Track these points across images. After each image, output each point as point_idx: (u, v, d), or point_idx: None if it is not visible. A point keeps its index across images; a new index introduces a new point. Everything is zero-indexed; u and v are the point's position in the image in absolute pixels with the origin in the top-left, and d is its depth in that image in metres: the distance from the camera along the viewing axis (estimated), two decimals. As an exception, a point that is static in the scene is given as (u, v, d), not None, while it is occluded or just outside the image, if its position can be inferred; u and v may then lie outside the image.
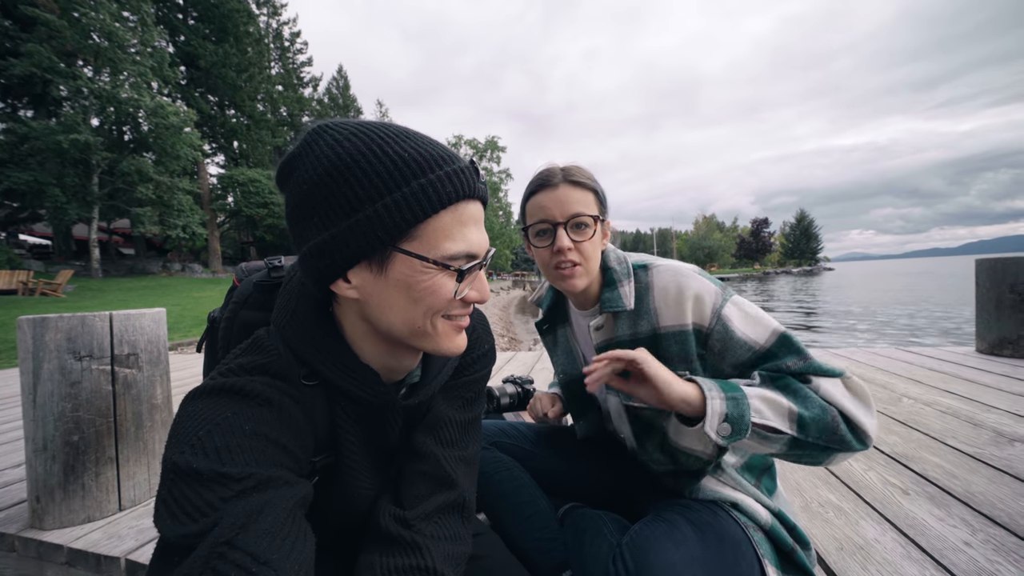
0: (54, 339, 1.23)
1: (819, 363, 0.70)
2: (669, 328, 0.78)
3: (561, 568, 0.81)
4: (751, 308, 0.76)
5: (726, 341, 0.74)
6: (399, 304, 0.51)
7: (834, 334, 10.17)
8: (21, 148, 14.79)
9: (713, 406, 0.64)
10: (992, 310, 2.94)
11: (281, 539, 0.41)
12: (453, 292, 0.51)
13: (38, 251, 22.58)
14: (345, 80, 38.31)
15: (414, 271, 0.49)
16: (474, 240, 0.52)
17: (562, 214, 0.81)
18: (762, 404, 0.65)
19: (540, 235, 0.84)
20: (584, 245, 0.81)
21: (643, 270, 0.85)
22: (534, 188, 0.85)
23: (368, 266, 0.49)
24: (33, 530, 1.25)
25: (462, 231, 0.51)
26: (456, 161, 0.51)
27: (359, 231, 0.47)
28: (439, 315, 0.53)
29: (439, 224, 0.49)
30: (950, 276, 38.41)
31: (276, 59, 29.93)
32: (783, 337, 0.72)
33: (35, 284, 11.93)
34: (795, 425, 0.65)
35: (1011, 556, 0.96)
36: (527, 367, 3.21)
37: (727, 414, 0.63)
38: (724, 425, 0.64)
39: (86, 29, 15.03)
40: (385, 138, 0.48)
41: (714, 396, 0.64)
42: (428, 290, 0.50)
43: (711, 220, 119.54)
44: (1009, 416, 1.80)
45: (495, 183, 42.22)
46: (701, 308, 0.75)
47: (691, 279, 0.77)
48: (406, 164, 0.47)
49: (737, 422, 0.63)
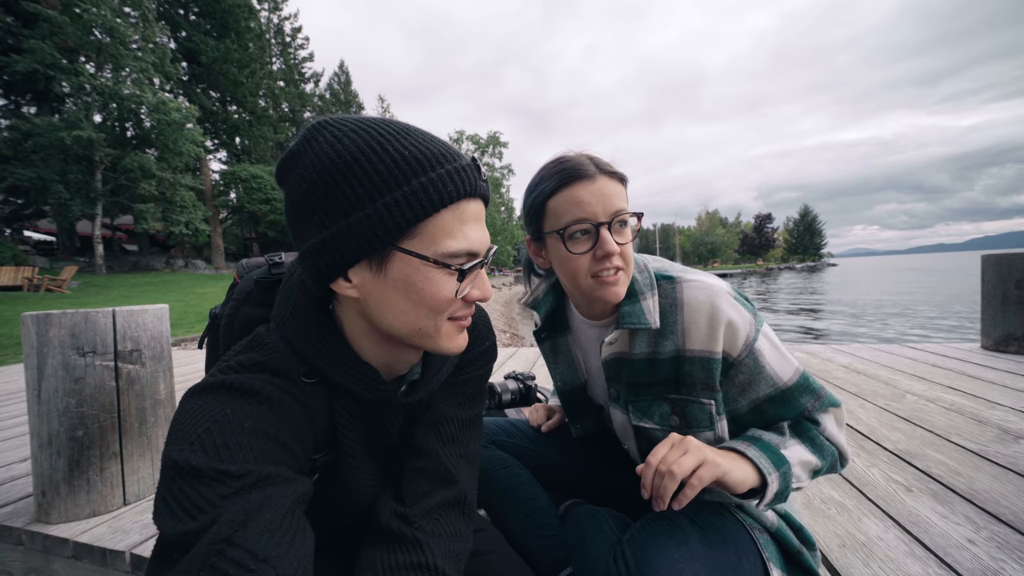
0: (58, 335, 1.23)
1: (829, 398, 0.73)
2: (696, 353, 0.71)
3: (562, 565, 0.80)
4: (777, 340, 0.74)
5: (753, 375, 0.70)
6: (399, 304, 0.50)
7: (838, 332, 10.13)
8: (25, 145, 14.86)
9: (772, 488, 0.63)
10: (998, 306, 2.91)
11: (280, 536, 0.41)
12: (454, 291, 0.51)
13: (43, 247, 22.75)
14: (347, 76, 38.18)
15: (414, 270, 0.49)
16: (475, 238, 0.51)
17: (605, 212, 0.70)
18: (800, 470, 0.67)
19: (577, 237, 0.72)
20: (627, 248, 0.72)
21: (669, 283, 0.75)
22: (564, 180, 0.72)
23: (368, 265, 0.49)
24: (39, 524, 1.27)
25: (463, 229, 0.50)
26: (458, 159, 0.50)
27: (359, 230, 0.46)
28: (442, 316, 0.52)
29: (440, 223, 0.48)
30: (957, 272, 38.10)
31: (277, 55, 29.83)
32: (803, 377, 0.72)
33: (40, 280, 12.02)
34: (811, 475, 0.69)
35: (1015, 554, 0.95)
36: (529, 363, 3.21)
37: (778, 490, 0.64)
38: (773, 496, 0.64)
39: (88, 25, 15.03)
40: (386, 135, 0.48)
41: (773, 478, 0.63)
42: (428, 290, 0.50)
43: (714, 216, 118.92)
44: (1015, 413, 1.79)
45: (497, 179, 42.11)
46: (734, 338, 0.69)
47: (726, 302, 0.70)
48: (407, 162, 0.47)
49: (782, 493, 0.64)
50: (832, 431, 0.72)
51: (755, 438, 0.69)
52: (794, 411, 0.72)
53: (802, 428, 0.72)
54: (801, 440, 0.70)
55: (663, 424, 0.77)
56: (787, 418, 0.73)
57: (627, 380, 0.80)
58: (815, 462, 0.68)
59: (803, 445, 0.69)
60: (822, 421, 0.72)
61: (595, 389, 0.94)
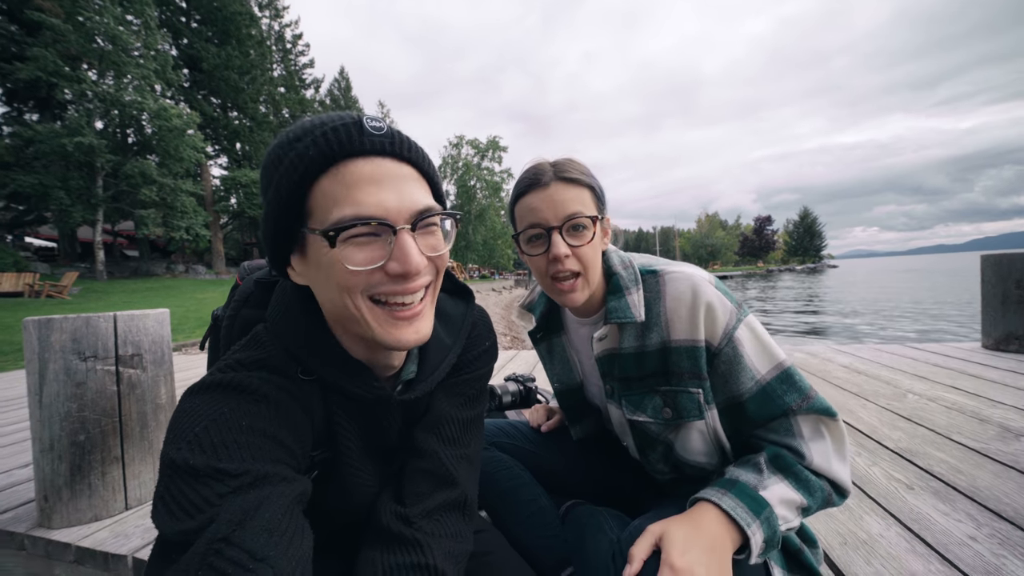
0: (59, 340, 1.24)
1: (819, 401, 0.68)
2: (681, 343, 0.72)
3: (563, 565, 0.80)
4: (763, 333, 0.72)
5: (732, 365, 0.70)
6: (321, 285, 0.51)
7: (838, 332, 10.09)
8: (27, 151, 14.96)
9: (756, 540, 0.60)
10: (998, 306, 2.91)
11: (278, 536, 0.41)
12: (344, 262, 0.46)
13: (44, 253, 22.79)
14: (347, 82, 38.39)
15: (318, 246, 0.48)
16: (368, 200, 0.46)
17: (556, 216, 0.73)
18: (785, 510, 0.64)
19: (532, 241, 0.77)
20: (583, 250, 0.74)
21: (652, 276, 0.77)
22: (522, 189, 0.77)
23: (300, 251, 0.51)
24: (41, 529, 1.27)
25: (348, 193, 0.46)
26: (331, 122, 0.47)
27: (269, 217, 0.50)
28: (355, 293, 0.48)
29: (321, 192, 0.47)
30: (957, 272, 37.96)
31: (278, 61, 30.01)
32: (788, 372, 0.70)
33: (41, 286, 12.04)
34: (802, 514, 0.66)
35: (1017, 550, 0.95)
36: (529, 366, 3.21)
37: (765, 538, 0.61)
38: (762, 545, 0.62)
39: (90, 33, 15.17)
40: (291, 127, 0.50)
41: (754, 530, 0.60)
42: (329, 265, 0.47)
43: (713, 218, 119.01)
44: (1015, 411, 1.79)
45: (496, 183, 42.22)
46: (713, 324, 0.70)
47: (707, 290, 0.71)
48: (287, 140, 0.49)
49: (771, 539, 0.62)
50: (819, 461, 0.66)
51: (732, 482, 0.66)
52: (778, 409, 0.69)
53: (783, 463, 0.67)
54: (784, 476, 0.66)
55: (656, 417, 0.77)
56: (773, 416, 0.70)
57: (619, 375, 0.80)
58: (800, 500, 0.64)
59: (786, 482, 0.65)
60: (807, 452, 0.67)
61: (591, 389, 0.95)
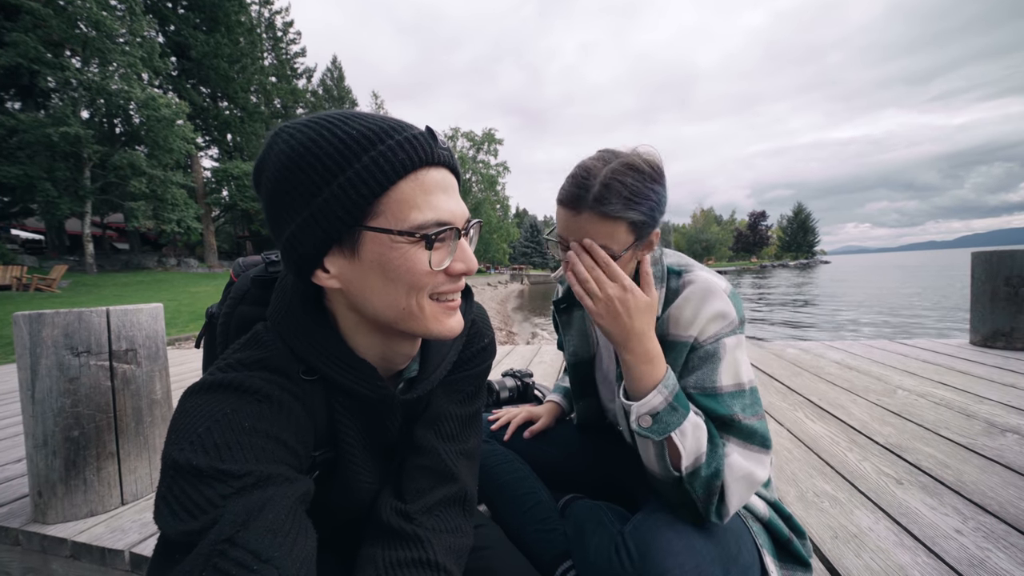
0: (51, 335, 1.22)
1: (762, 429, 0.69)
2: (677, 337, 0.75)
3: (562, 559, 0.82)
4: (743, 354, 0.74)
5: (704, 362, 0.72)
6: (378, 286, 0.50)
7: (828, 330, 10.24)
8: (10, 141, 14.52)
9: (656, 399, 0.64)
10: (987, 303, 2.96)
11: (282, 536, 0.41)
12: (427, 262, 0.49)
13: (31, 246, 22.36)
14: (340, 71, 37.75)
15: (384, 247, 0.48)
16: (443, 207, 0.49)
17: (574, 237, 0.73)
18: (691, 430, 0.65)
19: (558, 246, 0.78)
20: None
21: (676, 277, 0.79)
22: (561, 196, 0.74)
23: (341, 251, 0.49)
24: (36, 524, 1.26)
25: (427, 199, 0.49)
26: (408, 129, 0.49)
27: (321, 215, 0.47)
28: (423, 293, 0.51)
29: (399, 195, 0.48)
30: (947, 268, 38.54)
31: (269, 49, 29.37)
32: (752, 391, 0.72)
33: (29, 280, 11.83)
34: (691, 472, 0.65)
35: (1000, 543, 0.98)
36: (526, 360, 3.22)
37: (658, 413, 0.64)
38: (647, 418, 0.64)
39: (72, 18, 14.66)
40: (334, 121, 0.48)
41: (666, 390, 0.65)
42: (403, 265, 0.49)
43: (708, 213, 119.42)
44: (1001, 407, 1.83)
45: (492, 176, 41.89)
46: (709, 327, 0.72)
47: (718, 298, 0.73)
48: (355, 140, 0.47)
49: (660, 425, 0.64)
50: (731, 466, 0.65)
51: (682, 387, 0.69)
52: (722, 409, 0.70)
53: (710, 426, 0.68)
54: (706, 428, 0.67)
55: None
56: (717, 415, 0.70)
57: None
58: (702, 453, 0.65)
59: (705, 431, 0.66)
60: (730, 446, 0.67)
61: (603, 363, 0.97)
